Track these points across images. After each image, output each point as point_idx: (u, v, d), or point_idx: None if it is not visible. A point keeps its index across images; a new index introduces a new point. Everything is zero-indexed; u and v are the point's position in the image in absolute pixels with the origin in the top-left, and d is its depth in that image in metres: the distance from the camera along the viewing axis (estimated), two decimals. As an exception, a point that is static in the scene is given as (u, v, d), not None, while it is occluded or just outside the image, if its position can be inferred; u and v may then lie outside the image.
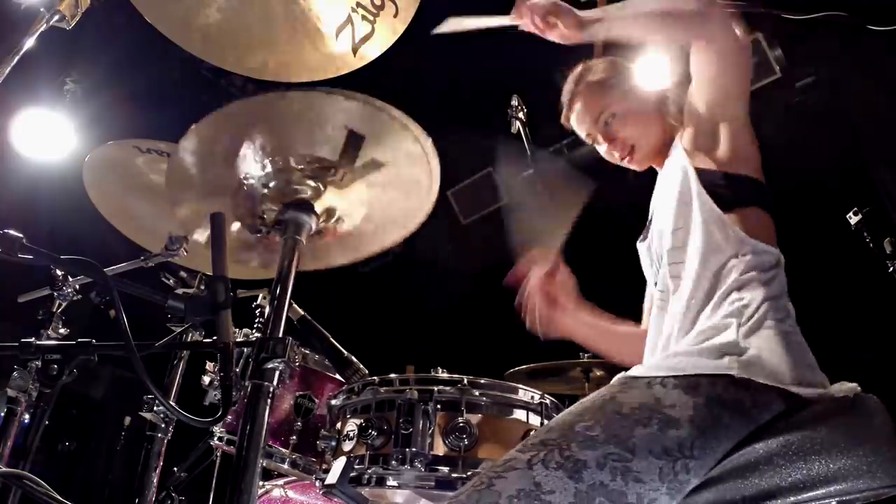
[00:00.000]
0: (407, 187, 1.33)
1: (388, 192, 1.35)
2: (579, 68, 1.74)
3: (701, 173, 1.46)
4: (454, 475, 1.56)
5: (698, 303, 1.38)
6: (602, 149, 1.71)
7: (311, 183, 1.31)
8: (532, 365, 3.05)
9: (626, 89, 1.68)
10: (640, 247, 1.66)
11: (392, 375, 1.73)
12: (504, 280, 1.71)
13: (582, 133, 1.73)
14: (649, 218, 1.66)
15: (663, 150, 1.63)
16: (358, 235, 1.41)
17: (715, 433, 1.16)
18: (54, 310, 2.06)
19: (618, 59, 1.75)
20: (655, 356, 1.47)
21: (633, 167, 1.70)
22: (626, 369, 1.34)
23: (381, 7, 1.48)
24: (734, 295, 1.33)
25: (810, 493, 1.11)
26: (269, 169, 1.31)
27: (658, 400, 1.18)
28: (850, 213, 2.59)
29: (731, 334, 1.26)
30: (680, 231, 1.46)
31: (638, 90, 1.69)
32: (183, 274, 2.15)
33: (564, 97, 1.76)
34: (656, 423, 1.15)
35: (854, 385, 1.24)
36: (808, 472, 1.12)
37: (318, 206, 1.34)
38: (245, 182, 1.33)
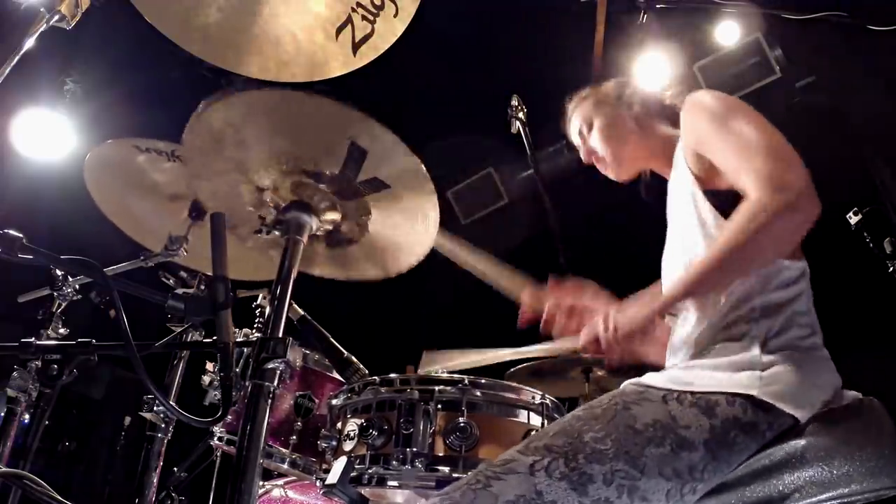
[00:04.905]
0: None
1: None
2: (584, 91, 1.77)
3: (710, 196, 1.37)
4: (455, 475, 1.55)
5: (717, 320, 1.32)
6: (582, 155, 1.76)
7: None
8: (534, 362, 3.05)
9: (611, 104, 1.69)
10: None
11: (393, 375, 1.73)
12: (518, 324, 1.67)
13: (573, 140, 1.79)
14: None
15: (660, 157, 1.61)
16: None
17: (727, 456, 1.14)
18: (54, 310, 2.07)
19: (618, 81, 1.76)
20: (673, 359, 1.43)
21: (609, 175, 1.71)
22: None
23: (381, 7, 1.48)
24: (756, 313, 1.28)
25: (813, 499, 1.11)
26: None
27: (674, 418, 1.16)
28: (850, 213, 2.58)
29: (754, 353, 1.23)
30: (696, 255, 1.38)
31: (621, 107, 1.68)
32: (183, 274, 2.15)
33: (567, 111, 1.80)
34: (669, 444, 1.13)
35: (854, 393, 1.23)
36: (811, 478, 1.11)
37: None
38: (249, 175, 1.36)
